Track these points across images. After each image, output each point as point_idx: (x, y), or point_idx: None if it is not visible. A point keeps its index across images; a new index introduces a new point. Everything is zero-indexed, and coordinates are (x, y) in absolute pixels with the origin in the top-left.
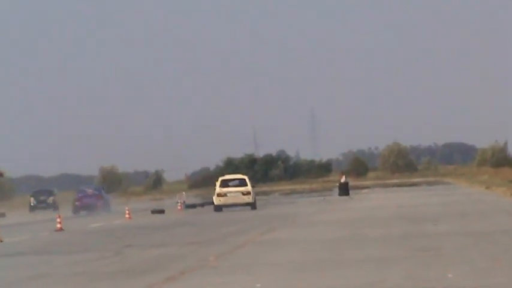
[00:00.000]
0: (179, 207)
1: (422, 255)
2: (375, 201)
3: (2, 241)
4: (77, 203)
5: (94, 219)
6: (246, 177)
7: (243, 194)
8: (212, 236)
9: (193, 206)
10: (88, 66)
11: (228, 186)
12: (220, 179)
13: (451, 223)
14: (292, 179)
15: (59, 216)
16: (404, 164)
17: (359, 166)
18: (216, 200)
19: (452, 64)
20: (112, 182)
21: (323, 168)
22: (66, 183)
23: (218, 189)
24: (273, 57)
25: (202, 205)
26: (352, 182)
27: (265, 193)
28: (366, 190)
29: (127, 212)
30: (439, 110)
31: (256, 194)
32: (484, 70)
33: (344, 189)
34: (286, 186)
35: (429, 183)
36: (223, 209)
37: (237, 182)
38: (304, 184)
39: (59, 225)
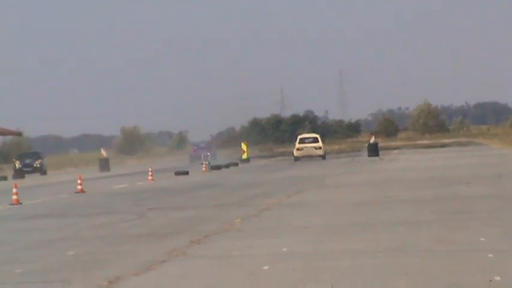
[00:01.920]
0: (204, 169)
1: (455, 218)
2: (405, 162)
3: (21, 203)
4: (193, 154)
5: (119, 180)
6: (318, 136)
7: (316, 148)
8: (237, 198)
9: (218, 167)
10: (111, 28)
11: (304, 142)
12: (299, 137)
13: (483, 185)
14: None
15: (80, 178)
16: (435, 125)
17: (389, 126)
18: (296, 153)
19: (484, 20)
20: (134, 142)
21: (352, 129)
22: (87, 144)
23: (297, 144)
24: (301, 15)
25: (227, 166)
26: (381, 143)
27: (291, 154)
28: (395, 151)
29: (150, 173)
30: (471, 68)
31: (282, 154)
32: None
33: (373, 150)
34: None
35: (461, 144)
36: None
37: (311, 139)
38: (332, 145)
39: (79, 187)
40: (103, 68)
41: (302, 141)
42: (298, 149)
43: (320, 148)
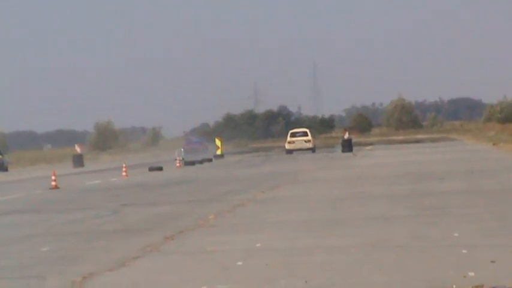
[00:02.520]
0: (178, 164)
1: (428, 214)
2: (379, 158)
3: None
4: (186, 147)
5: (93, 176)
6: (307, 130)
7: (305, 141)
8: (212, 194)
9: (192, 163)
10: (84, 20)
11: (295, 136)
12: (290, 131)
13: (457, 181)
14: None
15: (54, 174)
16: (409, 120)
17: (362, 122)
18: (288, 146)
19: (459, 16)
20: (108, 138)
21: (325, 124)
22: (61, 139)
23: (289, 138)
24: (275, 10)
25: (201, 162)
26: (355, 139)
27: (266, 149)
28: (369, 147)
29: (124, 169)
30: (445, 64)
31: (257, 150)
32: (492, 22)
33: (347, 146)
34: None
35: (434, 140)
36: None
37: (301, 133)
38: None
39: (53, 183)
40: (77, 63)
41: (293, 135)
42: (289, 142)
43: (309, 141)
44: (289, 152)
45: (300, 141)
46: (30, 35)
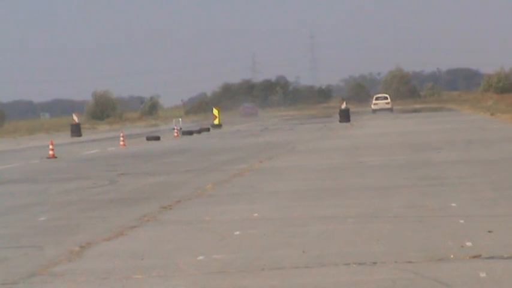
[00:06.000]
0: (175, 134)
1: (425, 184)
2: (377, 128)
3: None
4: (241, 111)
5: (90, 145)
6: (387, 95)
7: (386, 103)
8: (209, 164)
9: (190, 132)
10: None
11: (378, 99)
12: (375, 96)
13: (455, 151)
14: (292, 105)
15: (51, 143)
16: (406, 90)
17: (360, 92)
18: (373, 107)
19: None
20: (105, 107)
21: (323, 94)
22: (59, 109)
23: (374, 101)
24: None
25: (199, 131)
26: (353, 109)
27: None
28: (367, 116)
29: (121, 138)
30: (443, 34)
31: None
32: None
33: (345, 116)
34: (286, 112)
35: (432, 110)
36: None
37: (383, 97)
38: (303, 110)
39: (51, 153)
40: (76, 32)
41: (377, 99)
42: (374, 104)
43: (389, 103)
44: (374, 111)
45: (382, 103)
46: (29, 5)
